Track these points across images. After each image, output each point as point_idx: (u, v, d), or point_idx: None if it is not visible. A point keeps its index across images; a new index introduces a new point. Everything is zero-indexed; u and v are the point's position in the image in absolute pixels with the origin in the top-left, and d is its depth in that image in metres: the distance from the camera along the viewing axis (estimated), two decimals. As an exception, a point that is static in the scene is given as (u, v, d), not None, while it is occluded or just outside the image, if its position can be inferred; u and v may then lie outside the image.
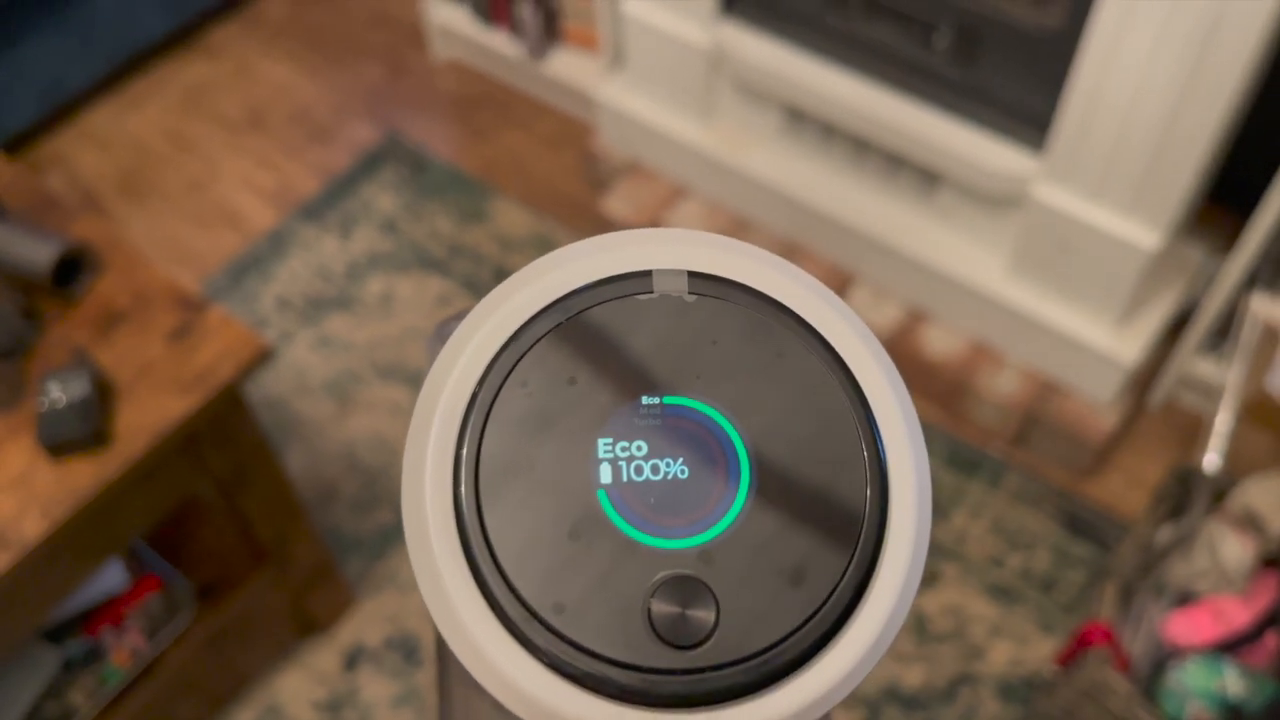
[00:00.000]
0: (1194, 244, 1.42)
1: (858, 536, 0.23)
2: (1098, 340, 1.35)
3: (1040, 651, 1.29)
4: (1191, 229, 1.41)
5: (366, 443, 1.47)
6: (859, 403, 0.24)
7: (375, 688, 1.28)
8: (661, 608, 0.22)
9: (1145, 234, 1.25)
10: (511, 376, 0.23)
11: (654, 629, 0.22)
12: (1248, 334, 1.24)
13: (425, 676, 1.29)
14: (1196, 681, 1.09)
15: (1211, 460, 1.22)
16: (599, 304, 0.24)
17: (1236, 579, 1.12)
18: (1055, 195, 1.29)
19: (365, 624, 1.32)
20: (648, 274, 0.24)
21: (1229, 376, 1.26)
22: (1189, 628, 1.13)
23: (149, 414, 0.92)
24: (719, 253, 0.25)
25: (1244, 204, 1.28)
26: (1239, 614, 1.12)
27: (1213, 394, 1.37)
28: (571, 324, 0.24)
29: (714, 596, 0.22)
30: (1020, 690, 1.27)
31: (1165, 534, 1.19)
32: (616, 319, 0.24)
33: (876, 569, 0.23)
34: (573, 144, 1.80)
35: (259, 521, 1.12)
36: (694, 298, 0.24)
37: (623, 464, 0.23)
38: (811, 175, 1.53)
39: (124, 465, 0.89)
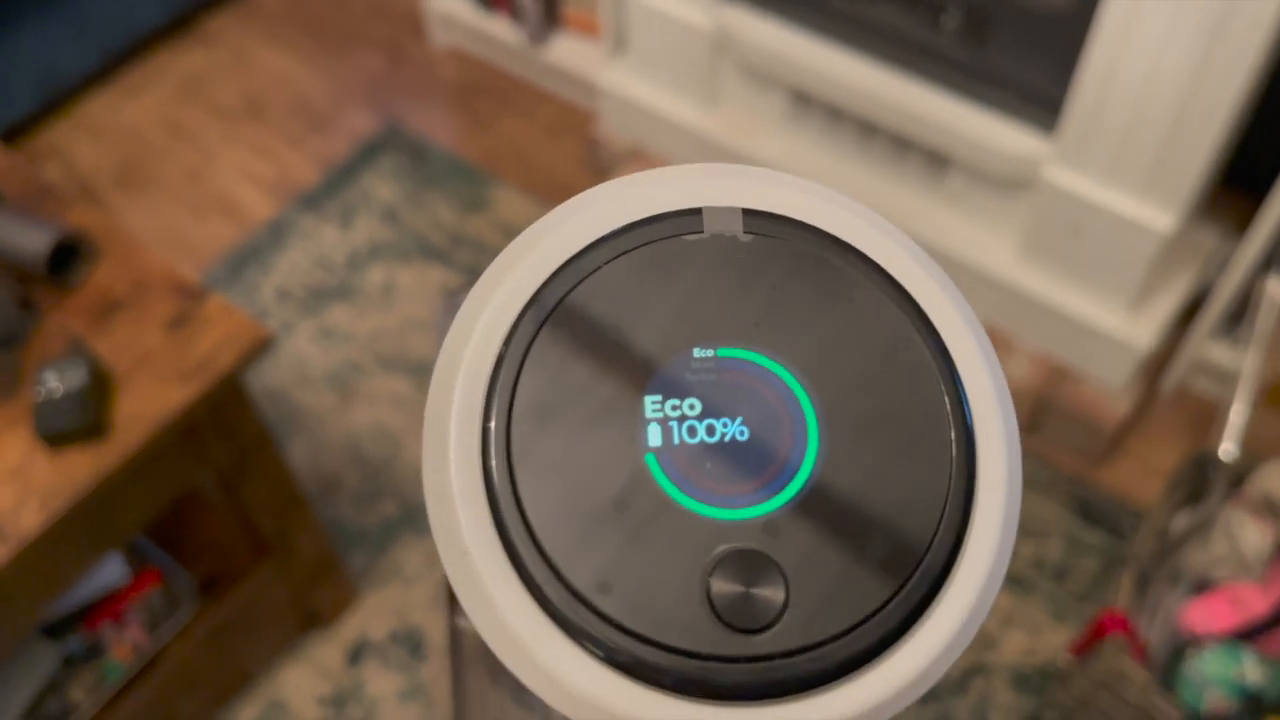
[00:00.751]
0: (1207, 227, 1.40)
1: (942, 507, 0.20)
2: (1110, 325, 1.33)
3: (1053, 641, 1.27)
4: (1204, 212, 1.39)
5: (369, 434, 1.45)
6: (940, 355, 0.21)
7: (380, 682, 1.26)
8: (722, 586, 0.19)
9: (1159, 216, 1.23)
10: (544, 329, 0.21)
11: (714, 610, 0.19)
12: (1264, 317, 1.22)
13: (431, 670, 1.27)
14: (1215, 670, 1.07)
15: (1228, 445, 1.20)
16: (643, 245, 0.21)
17: (1255, 566, 1.11)
18: (1067, 177, 1.27)
19: (369, 617, 1.31)
20: (697, 212, 0.22)
21: (1246, 360, 1.24)
22: (1207, 616, 1.11)
23: (148, 404, 0.90)
24: (777, 188, 0.22)
25: (1257, 187, 1.26)
26: (1258, 601, 1.10)
27: (1227, 379, 1.35)
28: (612, 269, 0.21)
29: (782, 573, 0.19)
30: (1034, 680, 1.25)
31: (1182, 521, 1.17)
32: (663, 262, 0.21)
33: (963, 545, 0.20)
34: (575, 131, 1.78)
35: (261, 514, 1.10)
36: (750, 237, 0.21)
37: (674, 424, 0.20)
38: (818, 160, 1.51)
39: (123, 456, 0.87)
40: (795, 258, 0.21)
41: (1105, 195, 1.26)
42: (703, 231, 0.21)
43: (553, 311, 0.21)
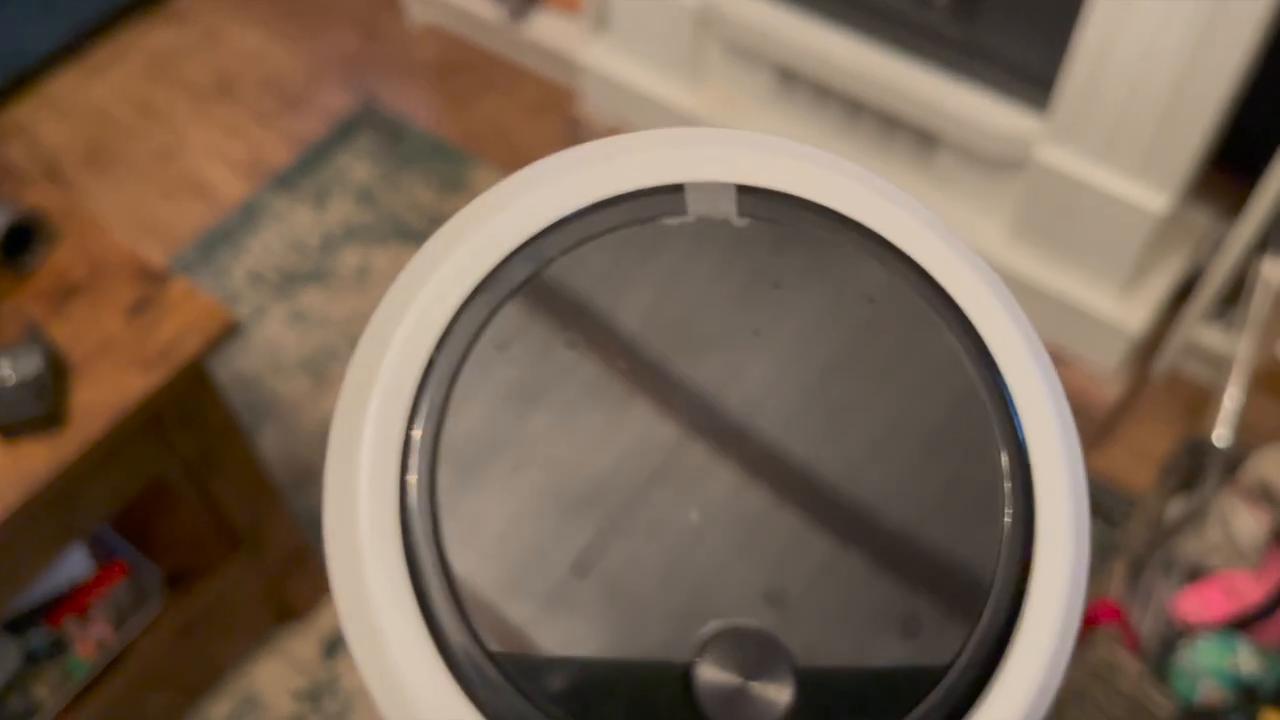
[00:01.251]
0: (1200, 209, 1.38)
1: (995, 562, 0.15)
2: (1102, 307, 1.31)
3: (1044, 630, 1.25)
4: (1198, 193, 1.37)
5: (344, 421, 1.42)
6: (983, 367, 0.16)
7: (357, 676, 1.23)
8: (712, 676, 0.15)
9: (1153, 196, 1.20)
10: (484, 334, 0.16)
11: (700, 709, 0.15)
12: (1259, 300, 1.20)
13: (408, 663, 1.24)
14: (1208, 660, 1.05)
15: (1222, 431, 1.18)
16: (610, 231, 0.17)
17: (1250, 554, 1.09)
18: (1059, 157, 1.24)
19: (345, 609, 1.27)
20: (679, 189, 0.17)
21: (1240, 343, 1.22)
22: (1200, 605, 1.09)
23: (108, 392, 0.86)
24: (776, 159, 0.17)
25: (1251, 168, 1.23)
26: (1252, 590, 1.08)
27: (1218, 363, 1.33)
28: (572, 261, 0.16)
29: (789, 659, 0.15)
30: (1024, 670, 1.23)
31: (1175, 508, 1.15)
32: (636, 253, 0.17)
33: (1019, 622, 0.15)
34: (556, 110, 1.74)
35: (231, 505, 1.07)
36: (746, 221, 0.17)
37: None
38: (803, 139, 1.47)
39: (81, 447, 0.83)
40: (801, 247, 0.17)
41: (1098, 175, 1.23)
42: (686, 214, 0.17)
43: (497, 310, 0.16)
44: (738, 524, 0.15)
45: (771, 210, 0.17)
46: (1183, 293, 1.38)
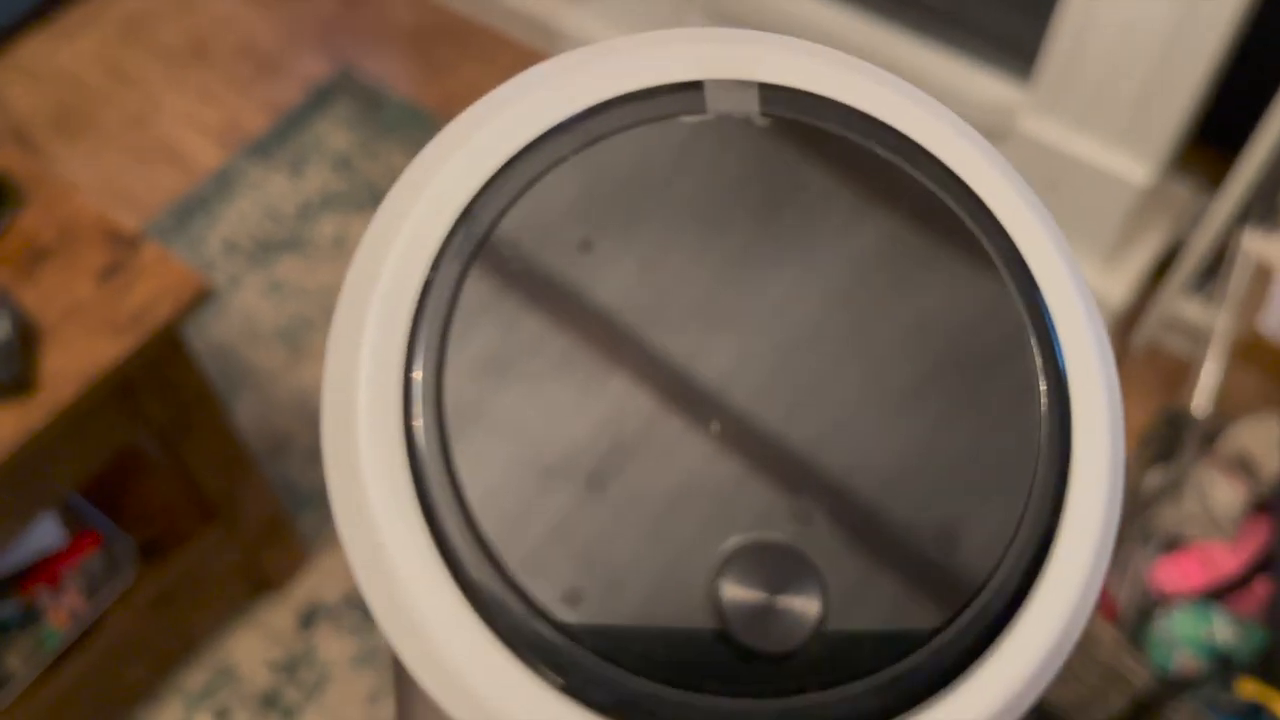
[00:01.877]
0: (1181, 182, 1.38)
1: (1030, 483, 0.15)
2: (1083, 280, 1.31)
3: (1022, 600, 1.26)
4: (1179, 166, 1.37)
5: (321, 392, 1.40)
6: (1022, 280, 0.16)
7: (333, 646, 1.22)
8: (736, 593, 0.14)
9: (1136, 168, 1.20)
10: (491, 240, 0.15)
11: (725, 627, 0.14)
12: (1239, 272, 1.20)
13: (386, 634, 1.24)
14: (1184, 629, 1.06)
15: (1201, 402, 1.19)
16: (623, 129, 0.16)
17: (1226, 524, 1.09)
18: (1042, 127, 1.24)
19: (322, 581, 1.26)
20: (697, 86, 0.16)
21: (1219, 315, 1.22)
22: (1177, 574, 1.10)
23: (78, 358, 0.84)
24: (798, 58, 0.17)
25: (1232, 141, 1.23)
26: (1228, 560, 1.09)
27: (1198, 336, 1.33)
28: (583, 159, 0.16)
29: (818, 575, 0.14)
30: (1001, 640, 1.24)
31: (1153, 479, 1.16)
32: (651, 152, 0.16)
33: (1055, 538, 0.15)
34: (535, 78, 1.72)
35: (205, 474, 1.05)
36: (768, 120, 0.16)
37: None
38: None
39: (51, 413, 0.82)
40: (827, 148, 0.16)
41: (1081, 146, 1.22)
42: (706, 112, 0.16)
43: (504, 213, 0.16)
44: (761, 437, 0.15)
45: (795, 109, 0.16)
46: (1163, 266, 1.38)
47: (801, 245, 0.16)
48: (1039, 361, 0.16)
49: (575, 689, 0.14)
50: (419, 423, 0.15)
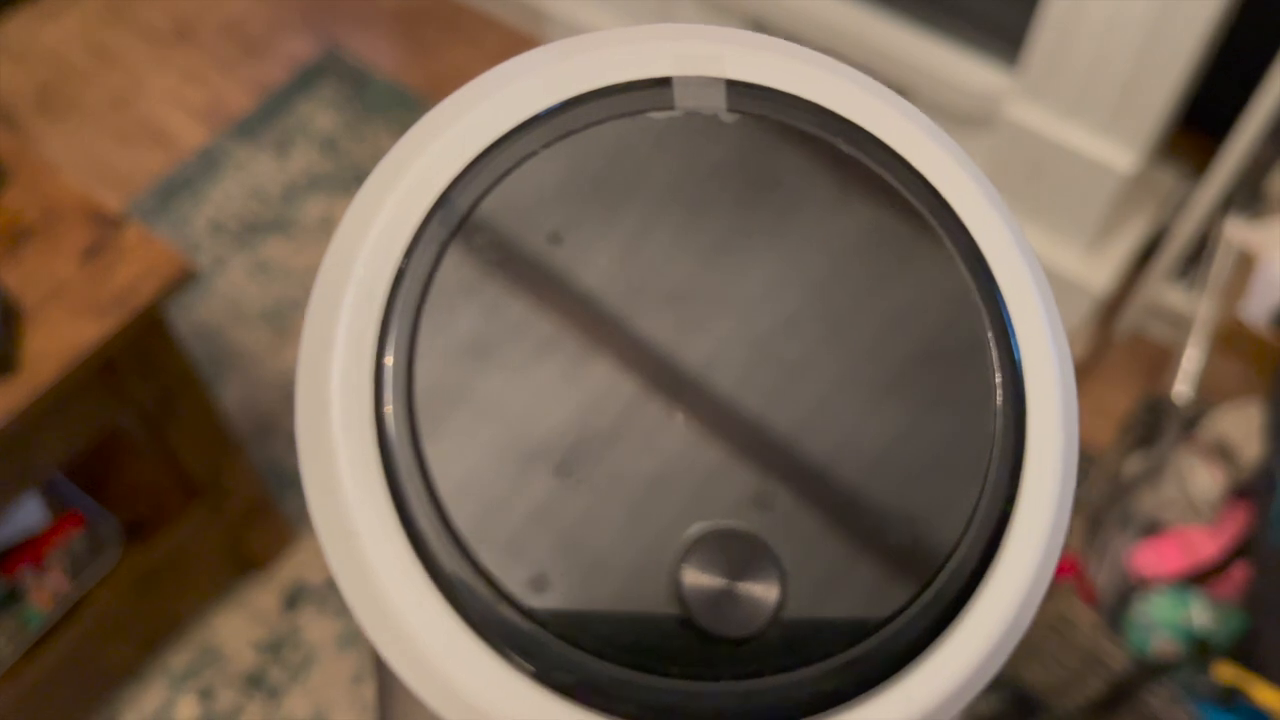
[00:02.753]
0: (1165, 169, 1.38)
1: (985, 471, 0.15)
2: (1066, 266, 1.31)
3: (1003, 584, 1.27)
4: (1163, 154, 1.37)
5: (306, 373, 1.40)
6: (980, 275, 0.16)
7: (318, 628, 1.23)
8: (698, 579, 0.15)
9: (1120, 154, 1.21)
10: (462, 230, 0.16)
11: (686, 612, 0.14)
12: (1221, 259, 1.21)
13: (371, 615, 1.24)
14: (1162, 613, 1.07)
15: (1181, 389, 1.19)
16: (593, 124, 0.16)
17: (1205, 509, 1.10)
18: (1029, 113, 1.24)
19: (306, 562, 1.27)
20: (665, 82, 0.16)
21: (1201, 302, 1.23)
22: (1156, 559, 1.11)
23: (61, 338, 0.84)
24: (766, 55, 0.17)
25: (1216, 129, 1.24)
26: (1206, 545, 1.10)
27: (1181, 324, 1.34)
28: (554, 153, 0.16)
29: (777, 562, 0.15)
30: (982, 623, 1.25)
31: (1133, 464, 1.17)
32: (620, 147, 0.16)
33: (1009, 524, 0.15)
34: (523, 61, 1.72)
35: (189, 455, 1.05)
36: (734, 116, 0.16)
37: None
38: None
39: (33, 393, 0.82)
40: (796, 145, 0.16)
41: (1067, 132, 1.23)
42: (674, 108, 0.16)
43: (477, 204, 0.16)
44: (723, 428, 0.15)
45: (761, 105, 0.17)
46: (1147, 253, 1.38)
47: (767, 238, 0.16)
48: (995, 355, 0.16)
49: (542, 674, 0.14)
50: (389, 409, 0.15)
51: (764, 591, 0.15)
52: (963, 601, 0.15)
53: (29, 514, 1.06)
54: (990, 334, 0.16)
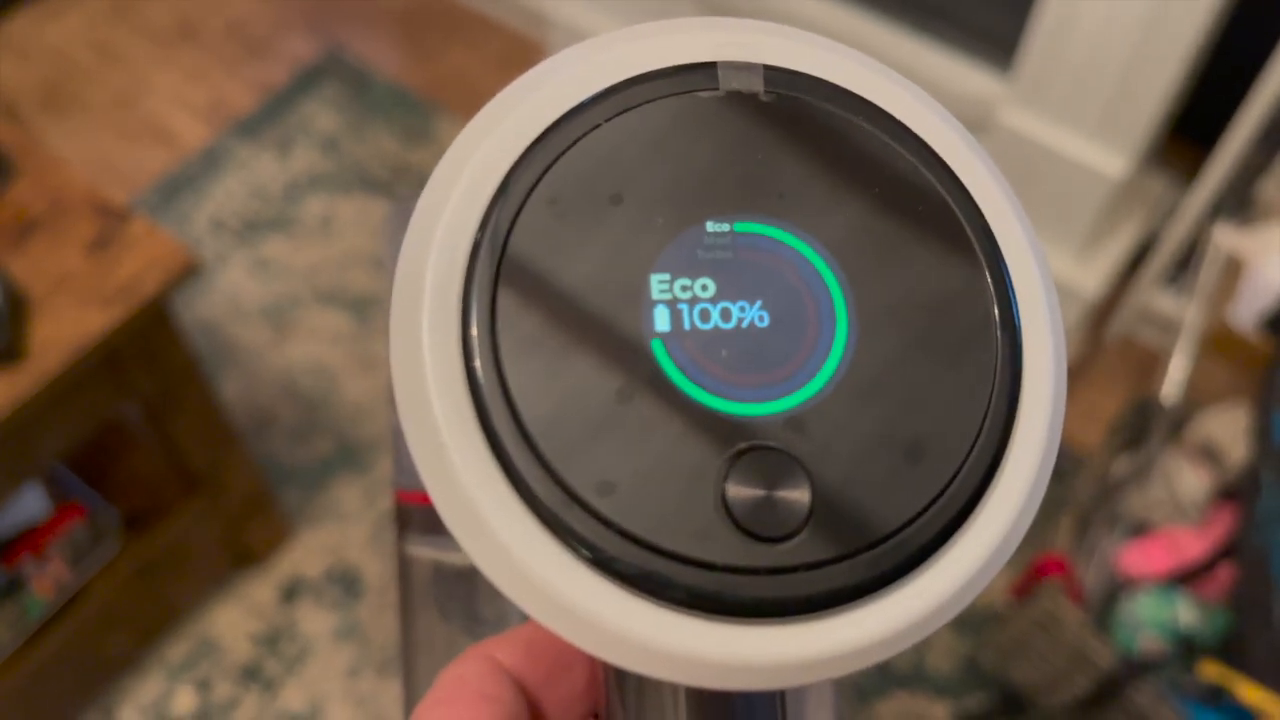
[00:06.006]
0: (1156, 175, 1.40)
1: (986, 407, 0.18)
2: (1058, 271, 1.33)
3: (995, 583, 1.28)
4: (1154, 160, 1.39)
5: (306, 370, 1.41)
6: (984, 237, 0.19)
7: (315, 621, 1.24)
8: (740, 489, 0.17)
9: (1112, 160, 1.22)
10: (536, 192, 0.18)
11: (731, 516, 0.17)
12: (1209, 264, 1.22)
13: (367, 609, 1.25)
14: (1149, 612, 1.08)
15: (1169, 391, 1.21)
16: (648, 102, 0.18)
17: (1192, 510, 1.12)
18: (1021, 119, 1.26)
19: (304, 556, 1.28)
20: (711, 66, 0.19)
21: (1190, 306, 1.24)
22: (1143, 559, 1.12)
23: (66, 328, 0.85)
24: (798, 44, 0.20)
25: (1205, 137, 1.25)
26: (1193, 545, 1.11)
27: (1171, 328, 1.36)
28: (613, 126, 0.18)
29: (808, 474, 0.17)
30: (974, 622, 1.26)
31: (1122, 465, 1.18)
32: (672, 121, 0.18)
33: (1007, 450, 0.18)
34: (524, 63, 1.72)
35: (190, 448, 1.06)
36: (771, 96, 0.19)
37: (684, 307, 0.18)
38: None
39: (38, 382, 0.83)
40: (824, 123, 0.19)
41: (1059, 138, 1.24)
42: (718, 89, 0.19)
43: (548, 169, 0.18)
44: (763, 362, 0.18)
45: (795, 88, 0.19)
46: (1138, 258, 1.40)
47: (803, 195, 0.19)
48: (997, 310, 0.19)
49: (604, 564, 0.17)
50: (474, 332, 0.18)
51: (797, 498, 0.17)
52: (965, 516, 0.18)
53: (31, 504, 1.07)
54: (993, 294, 0.19)
